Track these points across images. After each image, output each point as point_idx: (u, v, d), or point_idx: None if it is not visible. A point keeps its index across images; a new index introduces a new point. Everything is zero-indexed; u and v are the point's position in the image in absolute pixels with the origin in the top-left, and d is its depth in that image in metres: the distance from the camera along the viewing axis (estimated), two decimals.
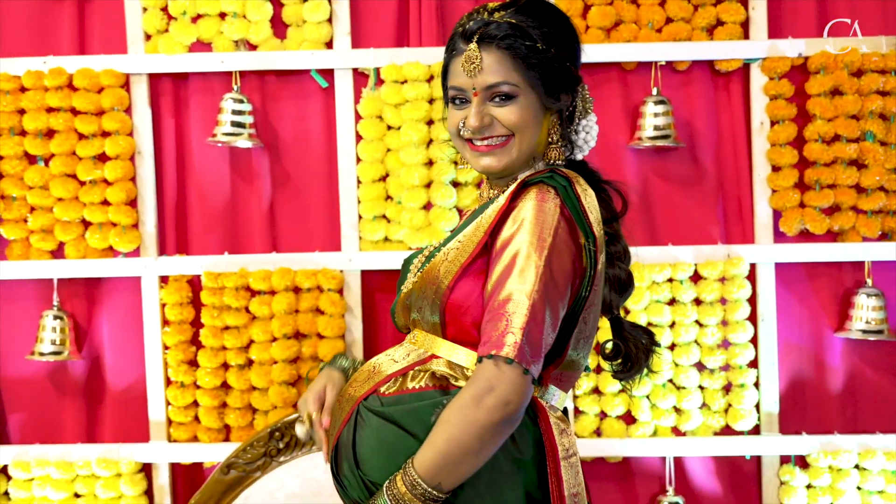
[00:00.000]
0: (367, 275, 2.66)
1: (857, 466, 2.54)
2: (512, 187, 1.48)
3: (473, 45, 1.49)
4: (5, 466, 2.65)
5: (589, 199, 1.47)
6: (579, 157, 1.61)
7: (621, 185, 1.62)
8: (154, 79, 2.67)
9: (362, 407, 1.53)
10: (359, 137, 2.63)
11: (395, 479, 1.39)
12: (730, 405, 2.58)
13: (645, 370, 1.61)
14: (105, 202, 2.62)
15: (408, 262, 1.69)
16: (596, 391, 2.55)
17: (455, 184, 2.57)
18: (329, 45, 2.64)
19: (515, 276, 1.37)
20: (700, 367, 2.58)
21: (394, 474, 1.40)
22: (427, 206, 2.61)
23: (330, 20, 2.62)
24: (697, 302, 2.57)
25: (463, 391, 1.36)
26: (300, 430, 1.63)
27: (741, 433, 2.59)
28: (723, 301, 2.57)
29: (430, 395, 1.46)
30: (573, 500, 1.43)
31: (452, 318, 1.47)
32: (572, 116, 1.58)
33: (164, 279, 2.65)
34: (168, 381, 2.66)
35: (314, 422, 1.59)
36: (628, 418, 2.62)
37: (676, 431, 2.61)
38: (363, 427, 1.52)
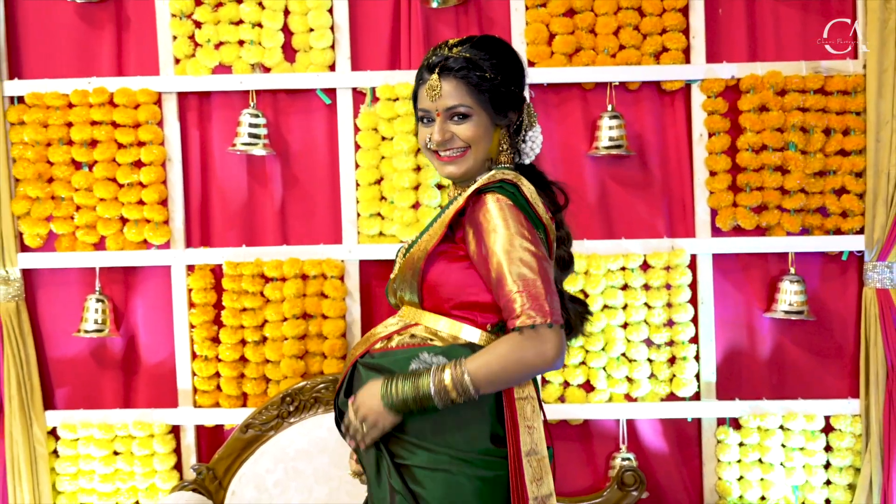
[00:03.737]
0: (364, 264, 2.79)
1: (781, 427, 2.72)
2: (468, 192, 1.67)
3: (435, 76, 1.69)
4: (54, 428, 2.82)
5: (533, 196, 1.68)
6: (527, 161, 1.81)
7: (563, 185, 1.83)
8: (182, 97, 2.80)
9: (358, 364, 1.75)
10: (357, 147, 2.77)
11: (443, 369, 1.59)
12: (674, 375, 2.74)
13: (580, 333, 1.85)
14: (140, 202, 2.76)
15: (397, 252, 1.88)
16: None
17: (439, 186, 2.71)
18: (332, 68, 2.77)
19: (510, 260, 1.58)
20: (648, 342, 2.74)
21: (441, 366, 1.60)
22: (416, 206, 2.75)
23: (333, 47, 2.76)
24: (646, 287, 2.73)
25: (511, 347, 1.58)
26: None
27: (684, 399, 2.75)
28: (668, 286, 2.73)
29: (411, 351, 1.69)
30: (528, 431, 1.64)
31: (428, 294, 1.71)
32: (519, 129, 1.79)
33: (190, 268, 2.79)
34: (194, 355, 2.80)
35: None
36: (587, 386, 2.77)
37: (628, 398, 2.76)
38: (358, 380, 1.74)
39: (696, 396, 2.78)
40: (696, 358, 2.76)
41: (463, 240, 1.70)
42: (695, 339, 2.77)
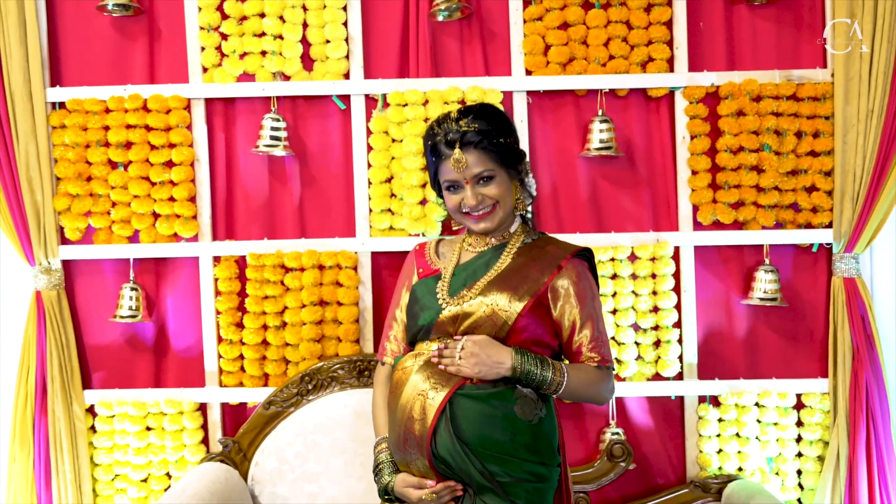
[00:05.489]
0: (376, 255, 2.89)
1: (756, 404, 2.83)
2: (561, 260, 1.98)
3: (458, 151, 1.93)
4: (92, 406, 2.94)
5: None
6: (530, 206, 2.10)
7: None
8: (209, 102, 2.91)
9: (455, 396, 1.89)
10: (369, 148, 2.87)
11: (556, 371, 1.88)
12: (659, 357, 2.85)
13: None
14: (171, 199, 2.88)
15: (428, 286, 2.05)
16: None
17: None
18: (346, 76, 2.87)
19: (597, 319, 1.98)
20: (636, 327, 2.85)
21: (556, 367, 1.89)
22: (423, 202, 2.85)
23: (347, 57, 2.87)
24: (633, 276, 2.84)
25: (599, 377, 1.97)
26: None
27: (668, 379, 2.85)
28: (653, 276, 2.84)
29: (501, 384, 1.92)
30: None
31: (515, 335, 1.94)
32: (522, 179, 2.05)
33: (216, 259, 2.89)
34: (219, 339, 2.91)
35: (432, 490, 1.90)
36: None
37: (617, 378, 2.85)
38: (458, 409, 1.88)
39: (679, 376, 2.90)
40: (679, 341, 2.87)
41: (545, 293, 1.97)
42: (678, 324, 2.88)
